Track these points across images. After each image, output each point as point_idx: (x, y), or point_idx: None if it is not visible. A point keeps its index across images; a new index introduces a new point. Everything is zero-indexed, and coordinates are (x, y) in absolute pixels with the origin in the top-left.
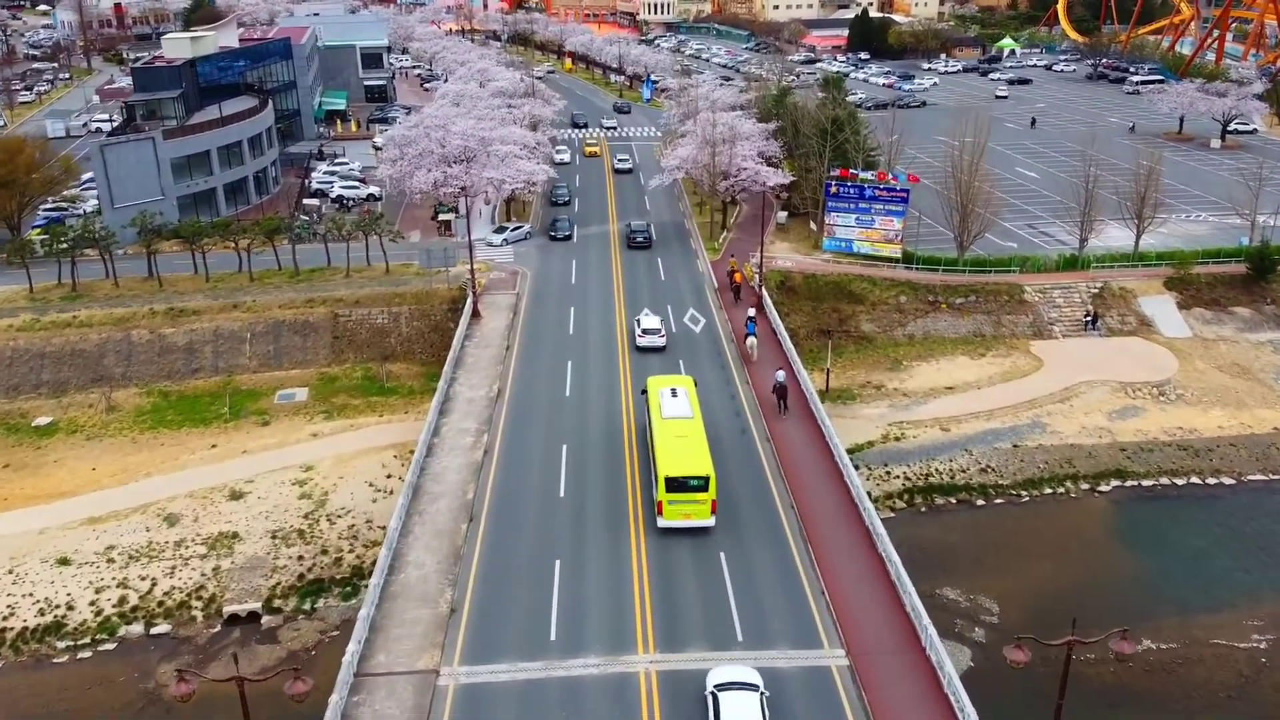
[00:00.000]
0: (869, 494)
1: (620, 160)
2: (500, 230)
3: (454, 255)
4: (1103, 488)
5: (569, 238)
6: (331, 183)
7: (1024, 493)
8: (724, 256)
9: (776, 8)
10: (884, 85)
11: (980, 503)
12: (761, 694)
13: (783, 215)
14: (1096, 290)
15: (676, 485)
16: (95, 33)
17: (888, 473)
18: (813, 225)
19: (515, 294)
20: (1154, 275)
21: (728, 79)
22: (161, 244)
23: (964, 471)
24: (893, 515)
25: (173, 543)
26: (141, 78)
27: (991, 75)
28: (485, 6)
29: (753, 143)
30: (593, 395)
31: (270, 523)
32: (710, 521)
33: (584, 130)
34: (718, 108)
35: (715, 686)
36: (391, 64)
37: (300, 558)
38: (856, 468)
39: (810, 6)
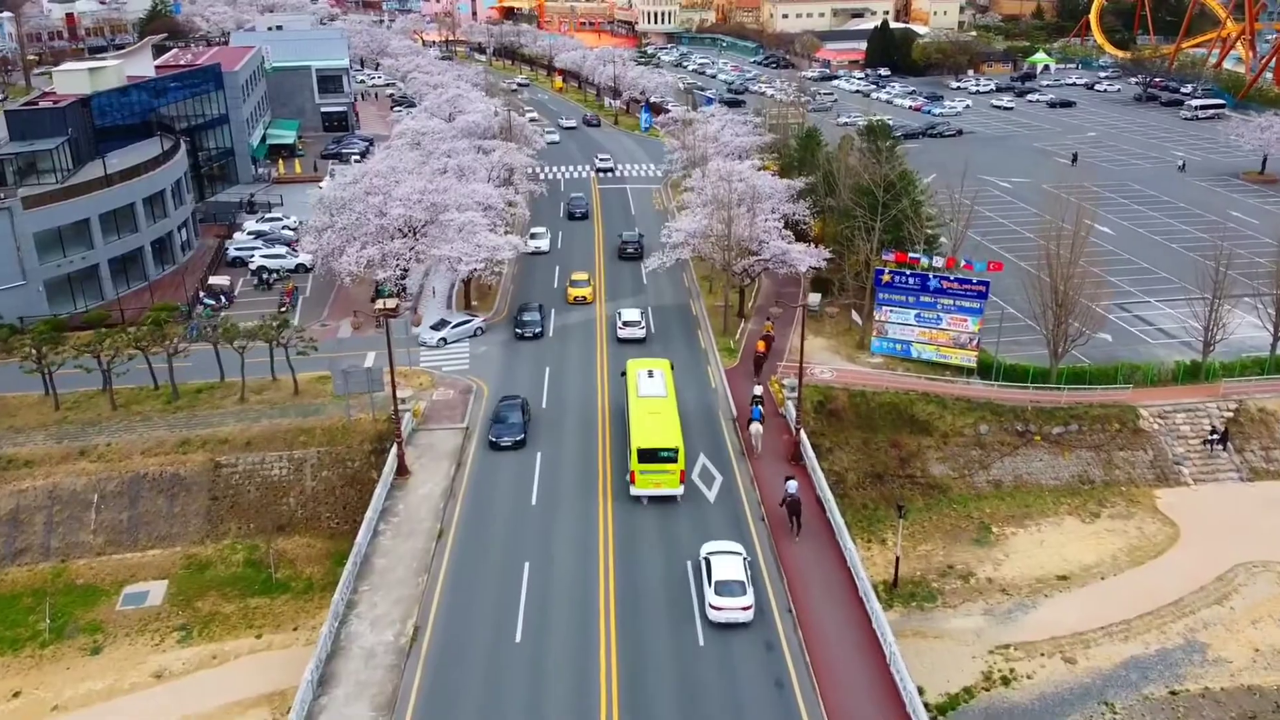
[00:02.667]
0: None
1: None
2: (439, 326)
3: (380, 378)
4: None
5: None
6: (253, 249)
7: None
8: (743, 360)
9: (785, 17)
10: (910, 108)
11: None
12: (745, 558)
13: (815, 298)
14: (1230, 413)
15: (648, 456)
16: (45, 45)
17: None
18: (855, 316)
19: (463, 429)
20: None
21: (736, 100)
22: None
23: None
24: None
25: None
26: (16, 122)
27: (1029, 96)
28: (474, 15)
29: (775, 204)
30: (562, 634)
31: None
32: (679, 490)
33: (581, 219)
34: (728, 153)
35: (708, 553)
36: (352, 88)
37: None
38: None
39: (822, 16)
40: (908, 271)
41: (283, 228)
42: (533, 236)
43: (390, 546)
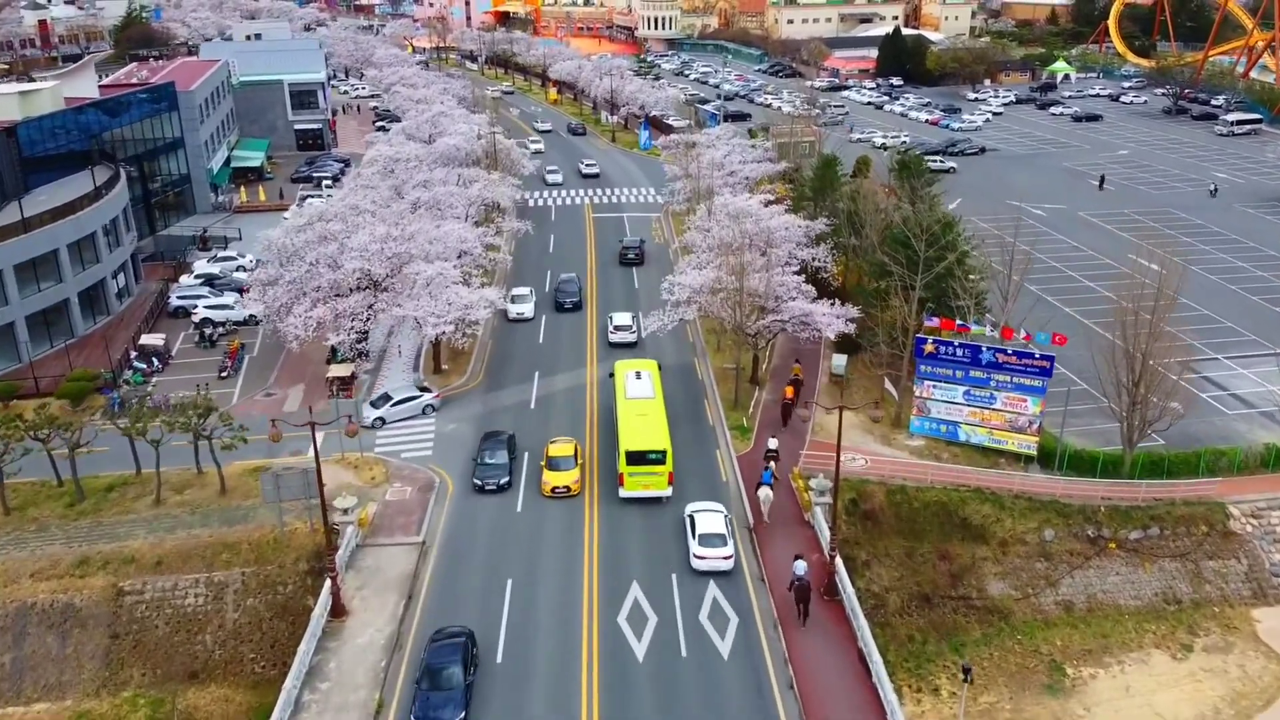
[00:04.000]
0: None
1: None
2: (381, 401)
3: (308, 488)
4: None
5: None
6: (198, 298)
7: None
8: (759, 444)
9: (791, 22)
10: (927, 122)
11: None
12: (726, 516)
13: (839, 361)
14: None
15: (636, 458)
16: (16, 54)
17: None
18: (889, 386)
19: (419, 544)
20: None
21: (740, 113)
22: None
23: None
24: None
25: None
26: None
27: (1053, 109)
28: (468, 20)
29: (792, 249)
30: None
31: None
32: (668, 492)
33: (571, 310)
34: (736, 182)
35: (691, 512)
36: (328, 103)
37: None
38: None
39: (829, 21)
40: (956, 342)
41: (236, 269)
42: (513, 299)
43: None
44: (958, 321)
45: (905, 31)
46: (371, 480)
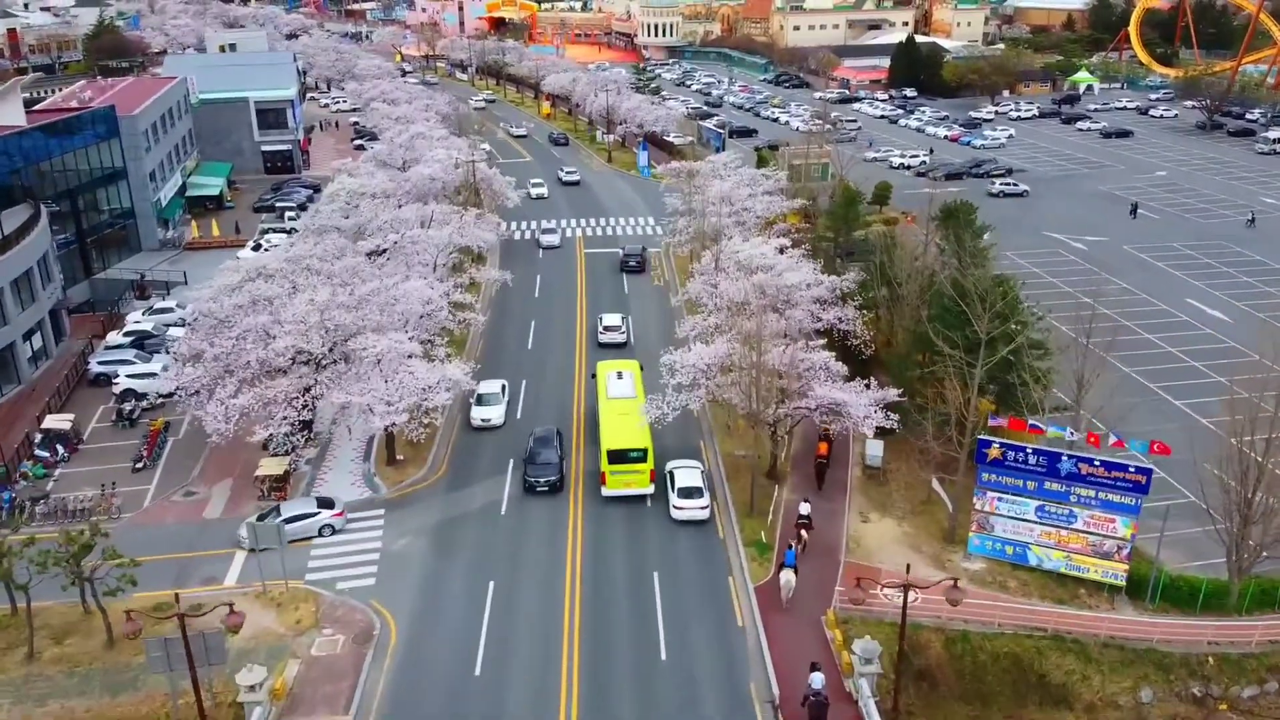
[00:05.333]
0: None
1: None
2: (267, 514)
3: (222, 647)
4: None
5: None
6: (122, 363)
7: None
8: (776, 572)
9: (797, 29)
10: (946, 138)
11: None
12: (703, 470)
13: (875, 450)
14: None
15: (618, 457)
16: None
17: None
18: (937, 487)
19: None
20: None
21: (746, 128)
22: None
23: None
24: None
25: None
26: None
27: (1079, 123)
28: (461, 26)
29: (813, 309)
30: None
31: None
32: (649, 489)
33: (548, 491)
34: (747, 223)
35: (671, 468)
36: (299, 122)
37: None
38: None
39: (836, 28)
40: (1028, 448)
41: (177, 321)
42: (478, 401)
43: None
44: (1029, 421)
45: (918, 39)
46: (297, 624)
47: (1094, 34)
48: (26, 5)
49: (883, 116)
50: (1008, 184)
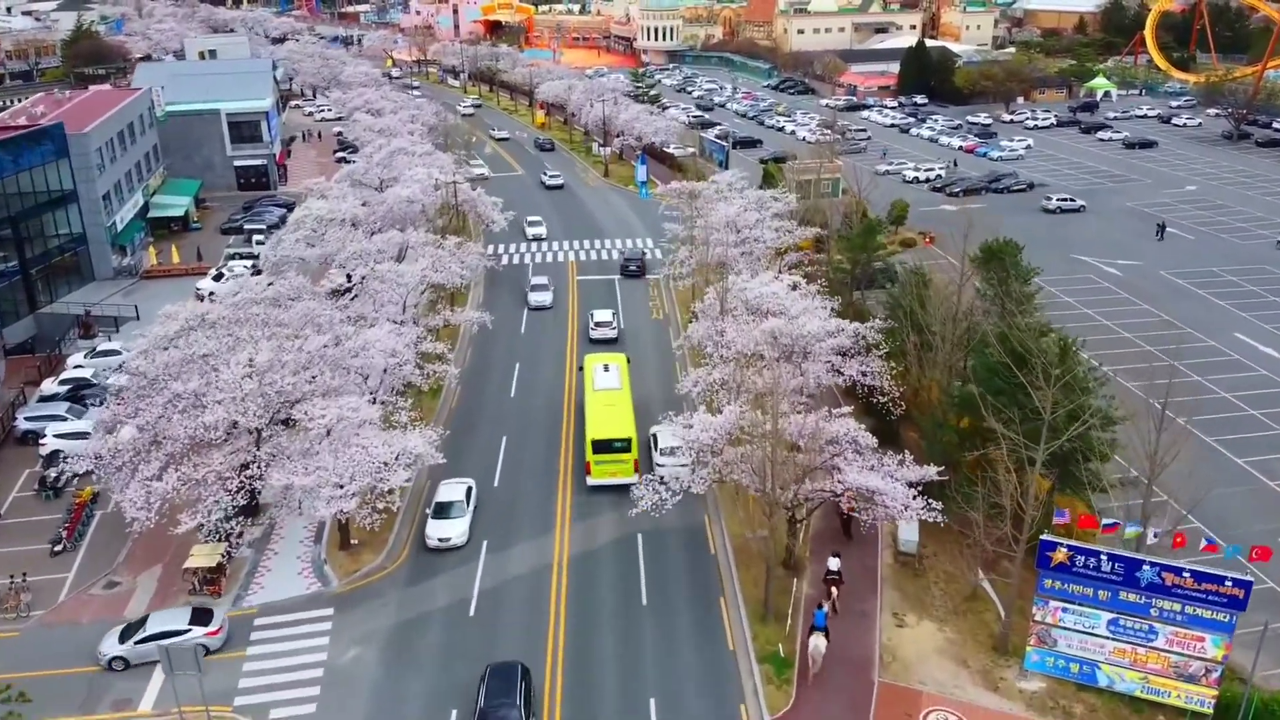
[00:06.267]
0: None
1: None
2: (131, 630)
3: None
4: None
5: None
6: (54, 418)
7: None
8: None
9: (801, 32)
10: (961, 149)
11: None
12: (686, 426)
13: (909, 535)
14: None
15: (603, 447)
16: None
17: None
18: (985, 586)
19: None
20: None
21: (750, 138)
22: None
23: None
24: None
25: None
26: None
27: (1100, 133)
28: (456, 30)
29: (833, 360)
30: None
31: None
32: (634, 479)
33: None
34: (755, 254)
35: (654, 431)
36: (275, 134)
37: None
38: None
39: (842, 31)
40: (1101, 552)
41: (119, 368)
42: (436, 512)
43: None
44: (1103, 521)
45: (928, 44)
46: None
47: (1107, 37)
48: (10, 10)
49: (893, 125)
50: (1065, 199)
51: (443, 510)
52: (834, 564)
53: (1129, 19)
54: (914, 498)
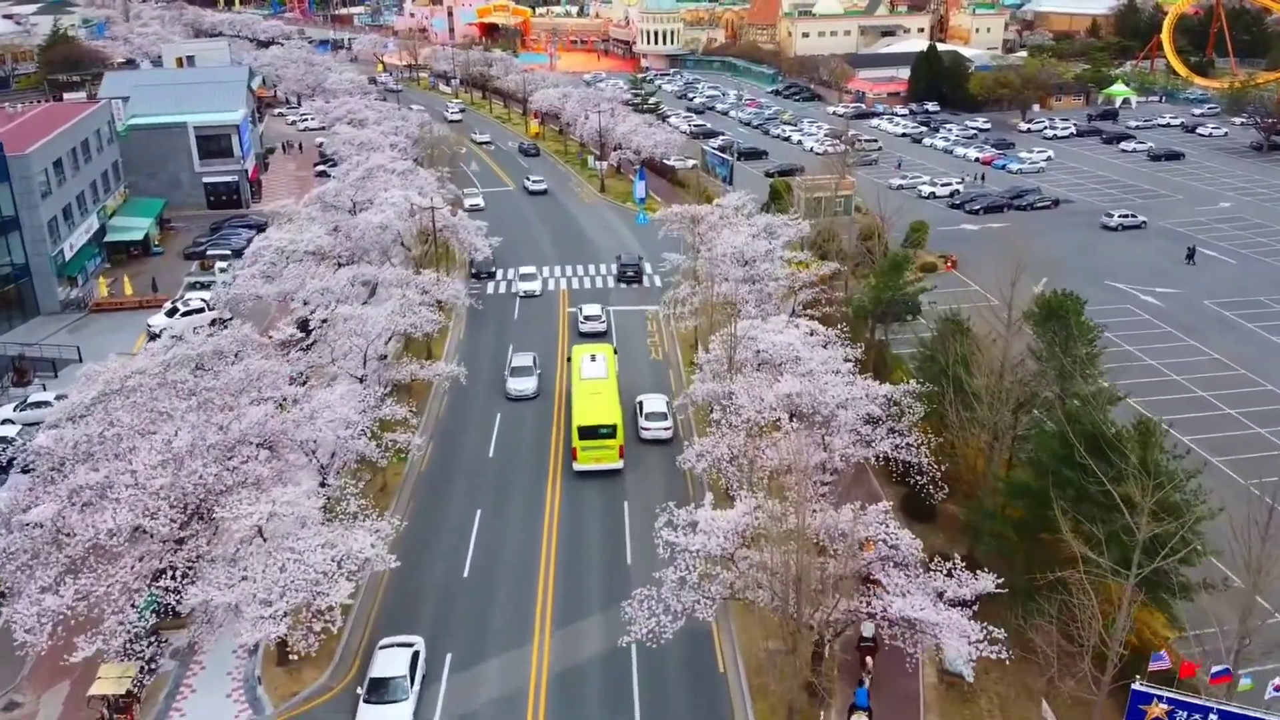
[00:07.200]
0: None
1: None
2: None
3: None
4: None
5: None
6: None
7: None
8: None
9: (806, 36)
10: (979, 160)
11: None
12: (667, 400)
13: (956, 651)
14: None
15: (589, 433)
16: None
17: None
18: (1049, 713)
19: None
20: None
21: (755, 149)
22: None
23: None
24: None
25: None
26: None
27: (1123, 143)
28: (451, 32)
29: (862, 430)
30: None
31: None
32: (619, 464)
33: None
34: (764, 292)
35: (640, 399)
36: (247, 148)
37: None
38: None
39: (848, 34)
40: (1212, 709)
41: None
42: (369, 689)
43: None
44: (1212, 669)
45: (943, 49)
46: None
47: (1121, 41)
48: None
49: (904, 134)
50: (1125, 215)
51: (376, 688)
52: (868, 630)
53: (1144, 22)
54: (972, 628)
